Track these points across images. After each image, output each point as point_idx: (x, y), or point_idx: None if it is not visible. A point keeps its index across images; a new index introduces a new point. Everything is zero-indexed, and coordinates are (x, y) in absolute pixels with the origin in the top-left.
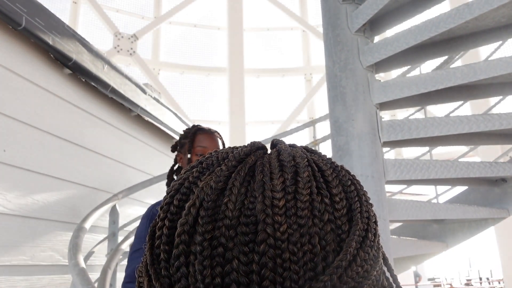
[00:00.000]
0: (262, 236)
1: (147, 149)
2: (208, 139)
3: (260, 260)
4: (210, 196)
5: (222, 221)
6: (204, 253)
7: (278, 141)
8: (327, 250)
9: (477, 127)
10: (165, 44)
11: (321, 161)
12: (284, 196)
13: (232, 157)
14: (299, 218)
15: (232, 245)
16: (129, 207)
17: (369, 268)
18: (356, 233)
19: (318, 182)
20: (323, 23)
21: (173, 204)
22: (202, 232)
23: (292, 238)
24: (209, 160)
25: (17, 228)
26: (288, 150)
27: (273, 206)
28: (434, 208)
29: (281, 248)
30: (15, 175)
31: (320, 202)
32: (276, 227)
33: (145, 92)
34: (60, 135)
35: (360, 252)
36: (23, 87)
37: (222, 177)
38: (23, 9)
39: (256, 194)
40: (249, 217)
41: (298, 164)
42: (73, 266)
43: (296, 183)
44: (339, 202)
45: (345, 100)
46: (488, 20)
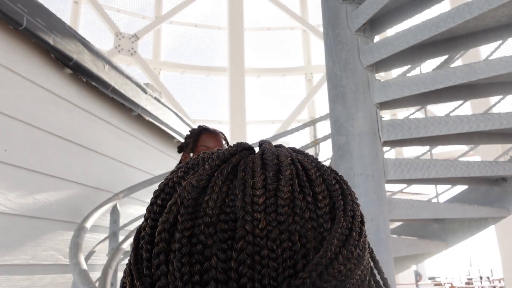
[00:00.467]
0: (240, 233)
1: (148, 148)
2: (212, 139)
3: (238, 257)
4: (191, 194)
5: (202, 218)
6: (182, 250)
7: (263, 142)
8: (308, 247)
9: (477, 126)
10: (166, 44)
11: (307, 160)
12: (264, 193)
13: (216, 156)
14: (279, 215)
15: (211, 243)
16: (130, 206)
17: (352, 267)
18: (338, 230)
19: (301, 181)
20: (323, 22)
21: (157, 204)
22: (181, 229)
23: (271, 235)
24: (194, 160)
25: (18, 228)
26: (273, 150)
27: (253, 203)
28: (435, 208)
29: (260, 245)
30: (16, 174)
31: (302, 200)
32: (255, 224)
33: (146, 92)
34: (61, 134)
35: (343, 250)
36: (24, 87)
37: (205, 175)
38: (24, 9)
39: (237, 191)
40: (229, 214)
41: (281, 162)
42: (74, 265)
43: (277, 181)
44: (321, 201)
45: (345, 99)
46: (488, 20)
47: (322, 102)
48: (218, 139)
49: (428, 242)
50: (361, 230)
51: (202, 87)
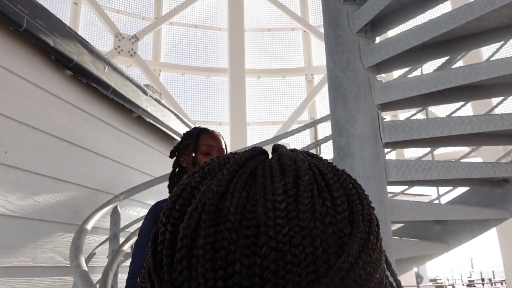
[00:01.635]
0: (264, 239)
1: (148, 150)
2: (212, 138)
3: (262, 262)
4: (212, 200)
5: (224, 224)
6: (206, 256)
7: (279, 146)
8: (329, 252)
9: (479, 127)
10: (166, 45)
11: (322, 165)
12: (285, 199)
13: (233, 161)
14: (301, 220)
15: (234, 248)
16: (130, 208)
17: (371, 271)
18: (358, 235)
19: (319, 185)
20: (324, 23)
21: (175, 209)
22: (204, 235)
23: (294, 240)
24: (210, 165)
25: (18, 230)
26: (289, 154)
27: (275, 209)
28: (436, 209)
29: (283, 250)
30: (16, 176)
31: (321, 205)
32: (278, 230)
33: (146, 93)
34: (61, 136)
35: (362, 254)
36: (24, 88)
37: (224, 181)
38: (24, 11)
39: (258, 197)
40: (251, 220)
41: (299, 167)
42: (75, 267)
43: (297, 186)
44: (340, 205)
45: (347, 101)
46: (490, 20)
47: (323, 103)
48: (218, 138)
49: (429, 244)
50: (378, 233)
51: (202, 88)
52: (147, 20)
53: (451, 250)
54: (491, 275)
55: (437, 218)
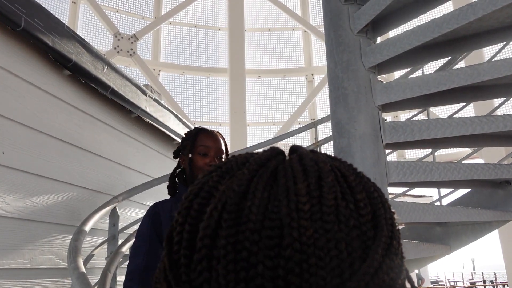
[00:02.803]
0: (288, 241)
1: (147, 151)
2: (210, 138)
3: (286, 265)
4: (233, 199)
5: (245, 225)
6: (228, 257)
7: (297, 147)
8: (353, 256)
9: (481, 128)
10: (165, 45)
11: (344, 167)
12: (309, 200)
13: (253, 161)
14: (325, 223)
15: (257, 250)
16: (129, 209)
17: (394, 276)
18: (382, 239)
19: (342, 188)
20: (324, 24)
21: (193, 208)
22: (225, 235)
23: (319, 243)
24: (228, 164)
25: (15, 231)
26: (310, 156)
27: (298, 210)
28: (438, 211)
29: (308, 253)
30: (14, 177)
31: (345, 208)
32: (302, 232)
33: (145, 93)
34: (59, 136)
35: (386, 259)
36: (22, 88)
37: (244, 180)
38: (22, 10)
39: (280, 198)
40: (274, 220)
41: (321, 169)
42: (72, 269)
43: (320, 188)
44: (363, 208)
45: (347, 101)
46: (492, 21)
47: (323, 104)
48: (216, 138)
49: (431, 245)
50: (399, 238)
51: (202, 88)
52: (147, 19)
53: (452, 252)
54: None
55: (439, 220)
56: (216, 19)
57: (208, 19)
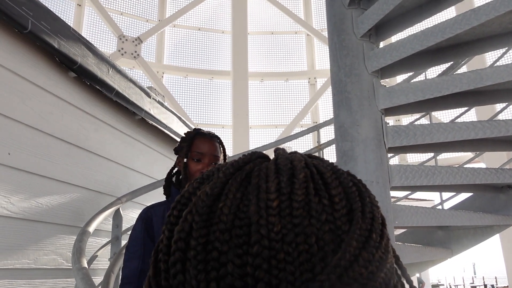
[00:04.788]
0: (255, 237)
1: (151, 152)
2: (206, 144)
3: (254, 261)
4: (206, 202)
5: (217, 225)
6: (198, 257)
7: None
8: (326, 250)
9: (483, 133)
10: (169, 47)
11: (322, 164)
12: (278, 197)
13: (230, 165)
14: (294, 217)
15: (227, 249)
16: (132, 211)
17: (374, 270)
18: (357, 232)
19: (317, 184)
20: (328, 28)
21: (173, 215)
22: (196, 236)
23: (287, 238)
24: (210, 171)
25: (20, 231)
26: (286, 155)
27: (267, 208)
28: (440, 215)
29: (276, 248)
30: (19, 178)
31: (317, 203)
32: (270, 228)
33: (149, 95)
34: (64, 138)
35: (363, 252)
36: (28, 90)
37: (219, 183)
38: (29, 13)
39: (251, 197)
40: (243, 219)
41: (295, 166)
42: (77, 270)
43: (291, 184)
44: (338, 203)
45: (350, 105)
46: (494, 26)
47: (326, 107)
48: (213, 143)
49: (432, 249)
50: (383, 232)
51: (205, 91)
52: (151, 22)
53: (454, 256)
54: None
55: (440, 224)
56: (220, 22)
57: (212, 22)
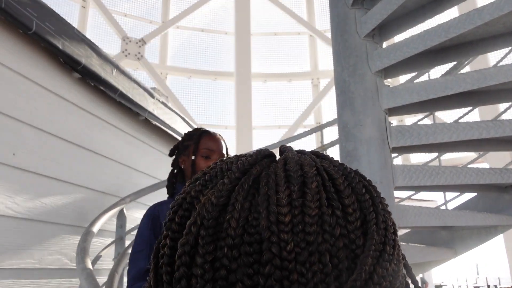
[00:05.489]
0: (267, 256)
1: (154, 153)
2: (213, 141)
3: (266, 283)
4: (211, 213)
5: (224, 240)
6: (205, 276)
7: (285, 148)
8: (340, 268)
9: (487, 133)
10: (172, 49)
11: (332, 167)
12: (290, 211)
13: (235, 168)
14: (307, 234)
15: (236, 267)
16: (136, 211)
17: (388, 285)
18: (372, 248)
19: (329, 193)
20: (331, 28)
21: (175, 222)
22: (203, 253)
23: (300, 257)
24: (212, 171)
25: (25, 232)
26: (296, 158)
27: (279, 223)
28: (443, 215)
29: (288, 269)
30: (24, 178)
31: (330, 215)
32: (282, 246)
33: (153, 96)
34: (69, 138)
35: (377, 268)
36: (33, 91)
37: (225, 191)
38: (34, 14)
39: (261, 209)
40: (253, 235)
41: (306, 173)
42: (81, 270)
43: (303, 195)
44: (352, 214)
45: (354, 105)
46: (498, 26)
47: (329, 108)
48: (219, 141)
49: (436, 249)
50: (395, 242)
51: (209, 92)
52: (154, 23)
53: (458, 256)
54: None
55: (445, 224)
56: (223, 23)
57: (215, 24)
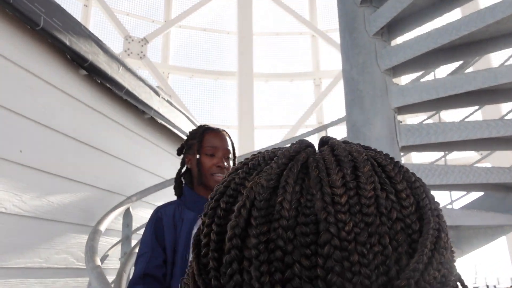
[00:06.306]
0: (325, 237)
1: (160, 152)
2: (217, 138)
3: (325, 263)
4: (262, 195)
5: (278, 221)
6: (260, 257)
7: (328, 138)
8: (399, 251)
9: (497, 132)
10: (174, 48)
11: (380, 156)
12: (345, 192)
13: (281, 155)
14: (365, 216)
15: (292, 248)
16: (142, 210)
17: (446, 273)
18: (430, 232)
19: (380, 178)
20: (339, 26)
21: (220, 208)
22: (257, 234)
23: (360, 238)
24: (254, 160)
25: (32, 230)
26: (343, 146)
27: (334, 203)
28: (451, 214)
29: (348, 249)
30: (30, 176)
31: (385, 199)
32: (340, 226)
33: (158, 94)
34: (75, 136)
35: (435, 254)
36: (40, 87)
37: (273, 175)
38: (41, 9)
39: (314, 191)
40: (308, 216)
41: (356, 158)
42: (91, 269)
43: (357, 178)
44: (406, 199)
45: (363, 104)
46: (509, 24)
47: (331, 108)
48: (223, 137)
49: None
50: (447, 231)
51: (211, 92)
52: (157, 23)
53: (464, 255)
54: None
55: (453, 223)
56: (225, 23)
57: (217, 23)
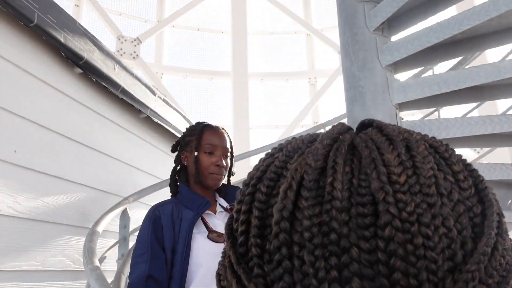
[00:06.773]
0: (385, 218)
1: (156, 151)
2: (216, 136)
3: (387, 246)
4: (311, 175)
5: (330, 203)
6: (314, 240)
7: (372, 120)
8: (464, 235)
9: (500, 127)
10: (168, 48)
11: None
12: (403, 171)
13: (324, 136)
14: (427, 196)
15: (347, 231)
16: (138, 211)
17: (510, 260)
18: (494, 215)
19: (435, 158)
20: (339, 22)
21: (260, 192)
22: (309, 215)
23: (423, 219)
24: (293, 144)
25: (27, 232)
26: (392, 126)
27: (392, 183)
28: None
29: (411, 231)
30: (25, 176)
31: (444, 180)
32: (401, 207)
33: (154, 93)
34: (70, 136)
35: (499, 238)
36: (34, 86)
37: (320, 155)
38: (35, 5)
39: (368, 170)
40: (364, 196)
41: (408, 138)
42: (90, 271)
43: (412, 158)
44: (464, 181)
45: (364, 100)
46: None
47: (326, 107)
48: (222, 135)
49: None
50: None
51: (205, 92)
52: (150, 22)
53: None
54: None
55: None
56: (219, 22)
57: (211, 23)
